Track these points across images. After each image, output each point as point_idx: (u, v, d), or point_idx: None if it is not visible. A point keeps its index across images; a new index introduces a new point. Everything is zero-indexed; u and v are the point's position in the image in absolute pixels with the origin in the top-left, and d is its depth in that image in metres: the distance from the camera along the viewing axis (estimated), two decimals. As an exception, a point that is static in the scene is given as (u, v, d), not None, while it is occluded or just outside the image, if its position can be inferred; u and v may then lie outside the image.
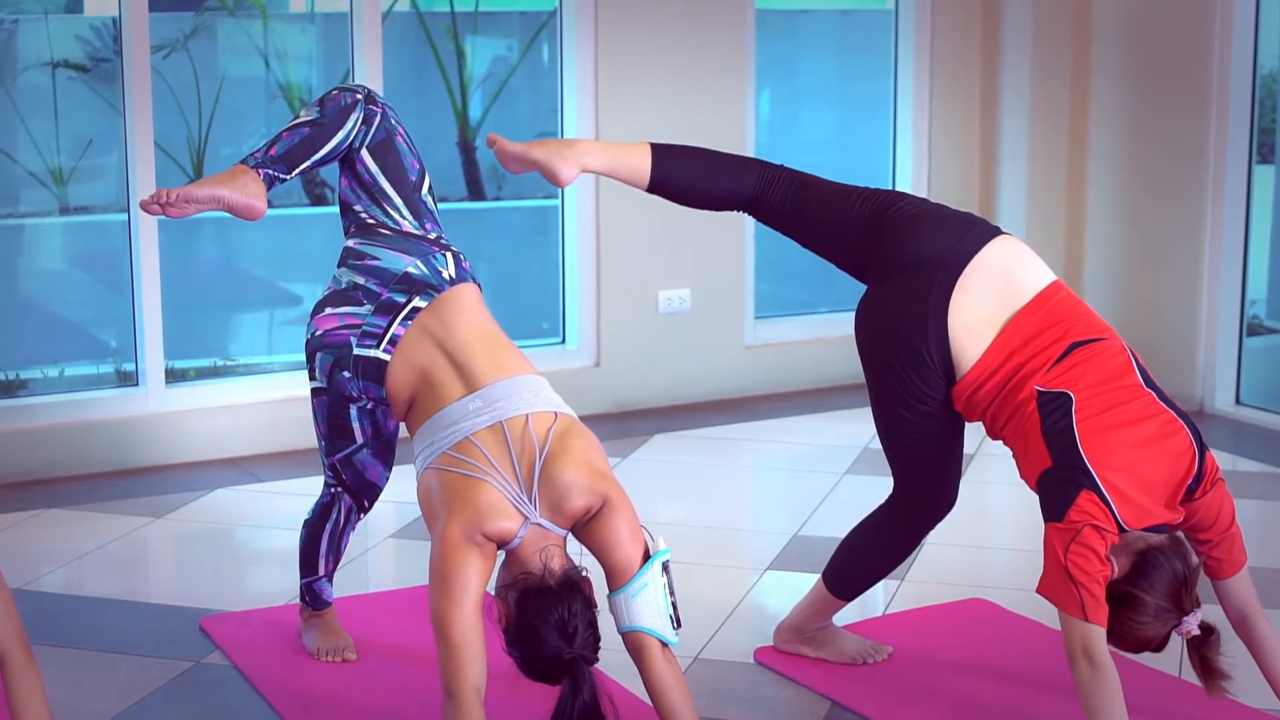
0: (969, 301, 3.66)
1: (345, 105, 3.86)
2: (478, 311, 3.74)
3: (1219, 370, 6.88)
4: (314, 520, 4.10)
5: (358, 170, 3.88)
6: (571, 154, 3.86)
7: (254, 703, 3.92)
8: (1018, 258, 3.75)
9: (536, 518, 3.34)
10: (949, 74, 7.49)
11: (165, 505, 5.54)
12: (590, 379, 6.84)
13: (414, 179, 3.92)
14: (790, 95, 8.28)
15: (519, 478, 3.36)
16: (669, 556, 3.40)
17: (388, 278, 3.71)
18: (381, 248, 3.77)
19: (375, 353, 3.64)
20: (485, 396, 3.48)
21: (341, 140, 3.85)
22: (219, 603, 4.61)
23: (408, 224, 3.85)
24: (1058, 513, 3.40)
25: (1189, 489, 3.46)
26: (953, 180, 7.55)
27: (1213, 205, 6.78)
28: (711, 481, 6.04)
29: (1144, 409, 3.51)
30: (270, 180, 3.79)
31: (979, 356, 3.64)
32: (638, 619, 3.35)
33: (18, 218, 6.76)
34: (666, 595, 3.38)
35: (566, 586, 3.29)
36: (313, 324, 3.75)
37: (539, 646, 3.25)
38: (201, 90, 6.94)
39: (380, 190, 3.87)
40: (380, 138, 3.88)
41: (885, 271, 3.78)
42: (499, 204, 7.71)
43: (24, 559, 4.89)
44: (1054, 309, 3.67)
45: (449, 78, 7.47)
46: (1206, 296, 6.85)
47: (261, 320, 7.50)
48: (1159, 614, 3.37)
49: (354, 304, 3.70)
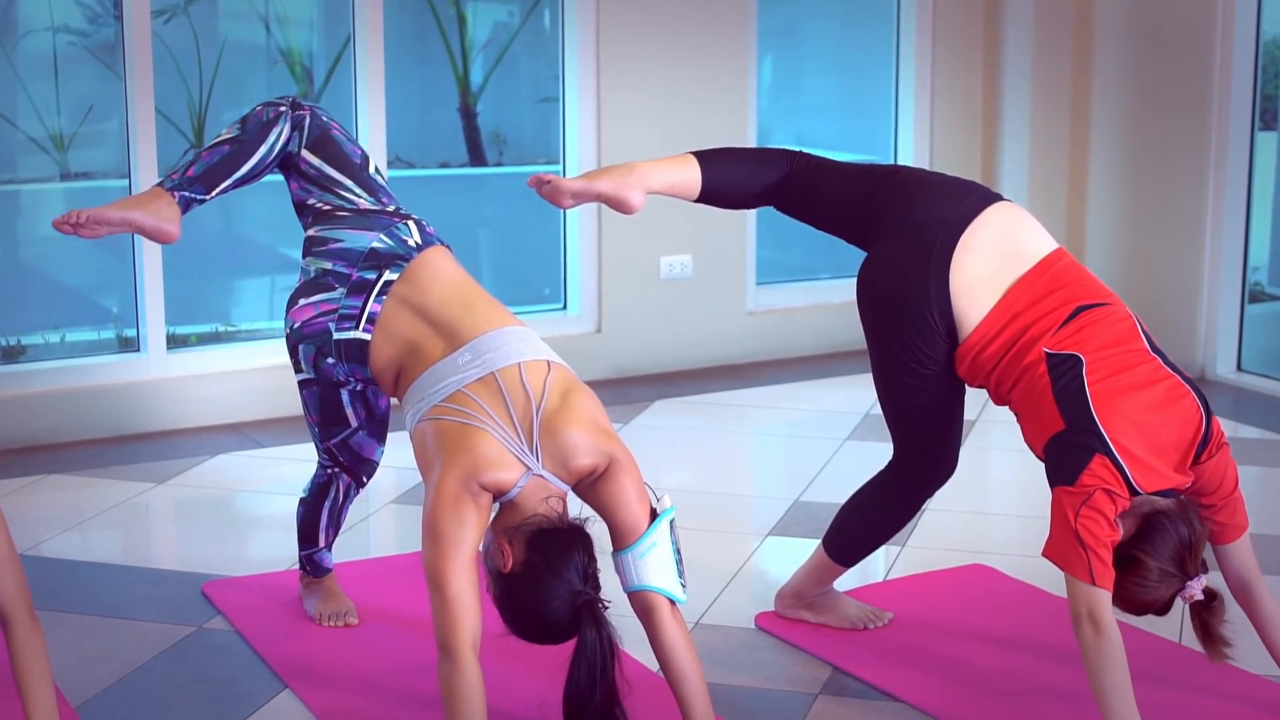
0: (971, 261, 3.66)
1: (268, 120, 3.84)
2: (451, 271, 3.72)
3: (1220, 337, 6.88)
4: (311, 499, 4.09)
5: (303, 169, 3.86)
6: (635, 179, 3.82)
7: (255, 667, 3.93)
8: (1020, 222, 3.76)
9: (539, 469, 3.31)
10: (951, 39, 7.47)
11: (167, 470, 5.54)
12: (591, 345, 6.84)
13: (359, 162, 3.90)
14: (792, 61, 8.27)
15: (517, 428, 3.31)
16: (675, 515, 3.40)
17: (354, 257, 3.69)
18: (342, 229, 3.75)
19: (355, 334, 3.62)
20: (474, 349, 3.45)
21: (265, 155, 3.82)
22: (221, 568, 4.61)
23: (364, 202, 3.83)
24: (1069, 476, 3.39)
25: (1196, 453, 3.46)
26: (955, 146, 7.54)
27: (1215, 172, 6.77)
28: (712, 447, 6.05)
29: (1152, 373, 3.51)
30: (186, 203, 3.79)
31: (982, 318, 3.63)
32: (646, 578, 3.34)
33: (18, 183, 6.75)
34: (674, 554, 3.38)
35: (578, 531, 3.28)
36: (289, 318, 3.73)
37: (553, 590, 3.20)
38: (202, 55, 6.92)
39: (329, 178, 3.85)
40: (315, 134, 3.86)
41: (886, 233, 3.78)
42: (500, 170, 7.69)
43: (26, 524, 4.90)
44: (1059, 273, 3.67)
45: (450, 43, 7.45)
46: (1208, 263, 6.85)
47: (263, 286, 7.49)
48: (1163, 577, 3.37)
49: (326, 290, 3.68)
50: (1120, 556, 3.38)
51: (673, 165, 3.89)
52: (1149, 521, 3.39)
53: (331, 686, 3.79)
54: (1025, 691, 3.77)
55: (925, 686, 3.80)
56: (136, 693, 3.78)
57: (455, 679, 3.20)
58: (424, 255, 3.71)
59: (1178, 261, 6.94)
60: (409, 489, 5.25)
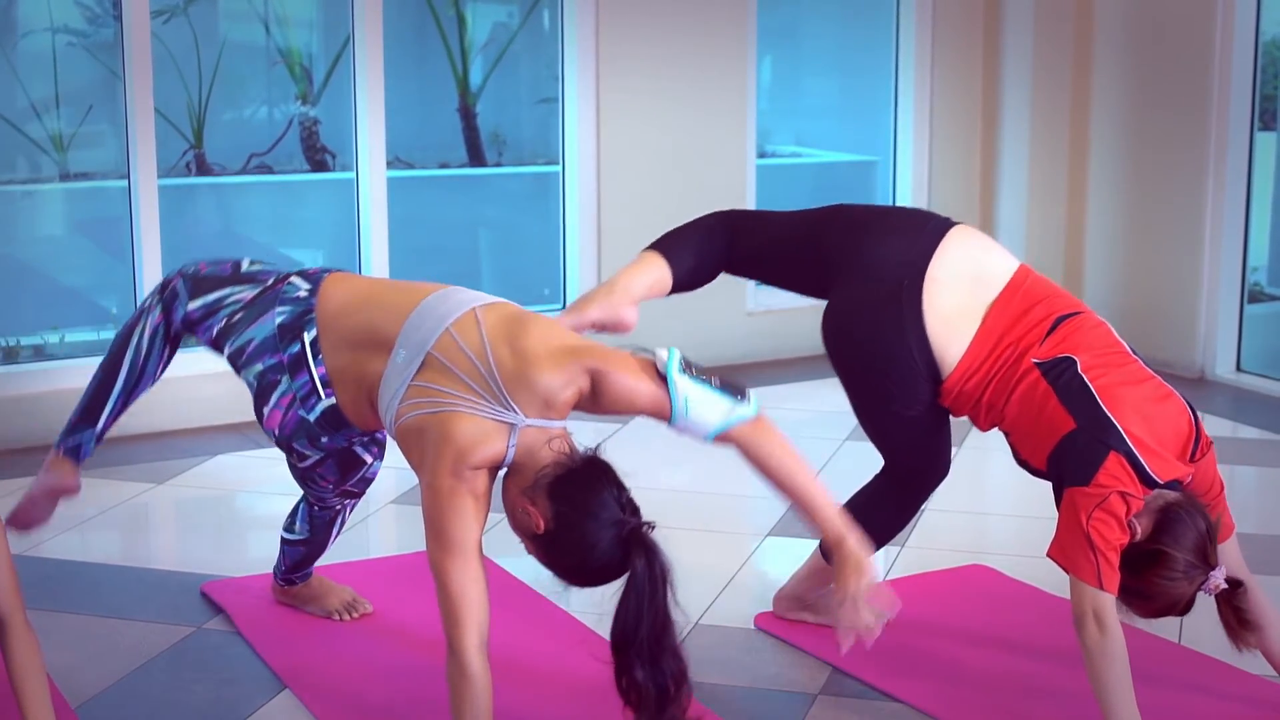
0: (942, 296, 3.64)
1: (130, 323, 3.82)
2: (351, 288, 3.64)
3: (1220, 337, 6.88)
4: (318, 534, 4.10)
5: (197, 319, 3.76)
6: (619, 296, 3.82)
7: (255, 667, 3.93)
8: (980, 245, 3.75)
9: (525, 420, 3.24)
10: (951, 39, 7.48)
11: (166, 471, 5.54)
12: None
13: (231, 272, 3.77)
14: (792, 61, 8.27)
15: (480, 393, 3.24)
16: (678, 355, 3.32)
17: (272, 343, 3.61)
18: (246, 329, 3.65)
19: (322, 404, 3.57)
20: (403, 342, 3.38)
21: (135, 357, 3.79)
22: (220, 568, 4.61)
23: (248, 294, 3.71)
24: (1084, 476, 3.36)
25: (1190, 452, 3.46)
26: (955, 146, 7.55)
27: (1214, 172, 6.77)
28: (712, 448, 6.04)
29: (1140, 371, 3.52)
30: (74, 450, 3.81)
31: (964, 350, 3.62)
32: (709, 423, 3.30)
33: (18, 184, 6.75)
34: (708, 386, 3.30)
35: (595, 464, 3.21)
36: (266, 429, 3.69)
37: (594, 533, 3.12)
38: (202, 56, 6.93)
39: (216, 303, 3.73)
40: (191, 285, 3.76)
41: (845, 279, 3.74)
42: (500, 170, 7.69)
43: (25, 525, 4.90)
44: (1030, 291, 3.66)
45: (450, 44, 7.45)
46: (1208, 263, 6.85)
47: (262, 286, 7.49)
48: (1188, 570, 3.34)
49: (274, 387, 3.61)
50: (1143, 554, 3.36)
51: (643, 269, 3.88)
52: (1166, 515, 3.37)
53: (331, 687, 3.79)
54: (1025, 692, 3.77)
55: (925, 686, 3.80)
56: (136, 693, 3.78)
57: (461, 677, 3.18)
58: (321, 295, 3.62)
59: (1177, 261, 6.94)
60: (409, 489, 5.25)
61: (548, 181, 7.14)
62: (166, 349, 3.82)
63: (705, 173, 6.99)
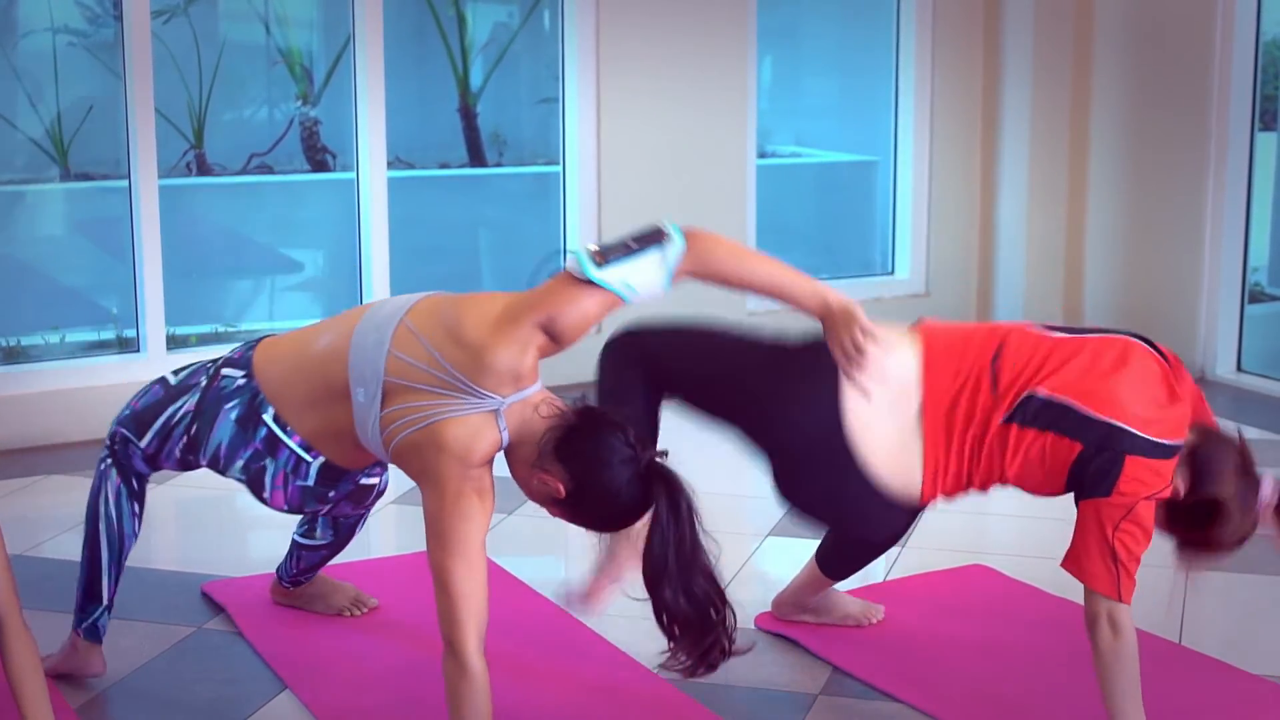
0: (873, 441, 3.46)
1: (94, 493, 3.79)
2: (278, 355, 3.62)
3: (1220, 337, 6.88)
4: (346, 535, 4.11)
5: (153, 454, 3.75)
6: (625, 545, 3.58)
7: (256, 667, 3.93)
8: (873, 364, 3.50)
9: (504, 400, 3.23)
10: (951, 39, 7.48)
11: (166, 471, 5.53)
12: (593, 344, 6.82)
13: (164, 394, 3.73)
14: (792, 61, 8.28)
15: (451, 395, 3.23)
16: (585, 254, 3.28)
17: (238, 440, 3.59)
18: (209, 435, 3.63)
19: (314, 466, 3.57)
20: (356, 380, 3.37)
21: (111, 522, 3.76)
22: (220, 568, 4.61)
23: (190, 405, 3.67)
24: (1105, 487, 3.27)
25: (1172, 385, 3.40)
26: (955, 146, 7.55)
27: (1215, 172, 6.77)
28: (713, 447, 6.02)
29: (1083, 347, 3.41)
30: (93, 631, 3.77)
31: (922, 466, 3.48)
32: (655, 283, 3.30)
33: (18, 184, 6.76)
34: (630, 256, 3.28)
35: (589, 412, 3.21)
36: (274, 508, 3.68)
37: (613, 475, 3.13)
38: (202, 56, 6.93)
39: (164, 429, 3.70)
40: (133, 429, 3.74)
41: (783, 462, 3.60)
42: (500, 170, 7.70)
43: (26, 525, 4.90)
44: (944, 361, 3.48)
45: (450, 44, 7.45)
46: (1208, 263, 6.85)
47: (263, 286, 7.50)
48: (1243, 503, 3.29)
49: (263, 473, 3.60)
50: (1196, 509, 3.31)
51: None
52: (1199, 461, 3.31)
53: (332, 687, 3.79)
54: (1025, 692, 3.77)
55: (925, 686, 3.80)
56: (136, 693, 3.78)
57: (460, 677, 3.18)
58: (257, 374, 3.60)
59: (1177, 262, 6.94)
60: (409, 489, 5.24)
61: (548, 181, 7.14)
62: (134, 504, 3.80)
63: (705, 172, 6.99)
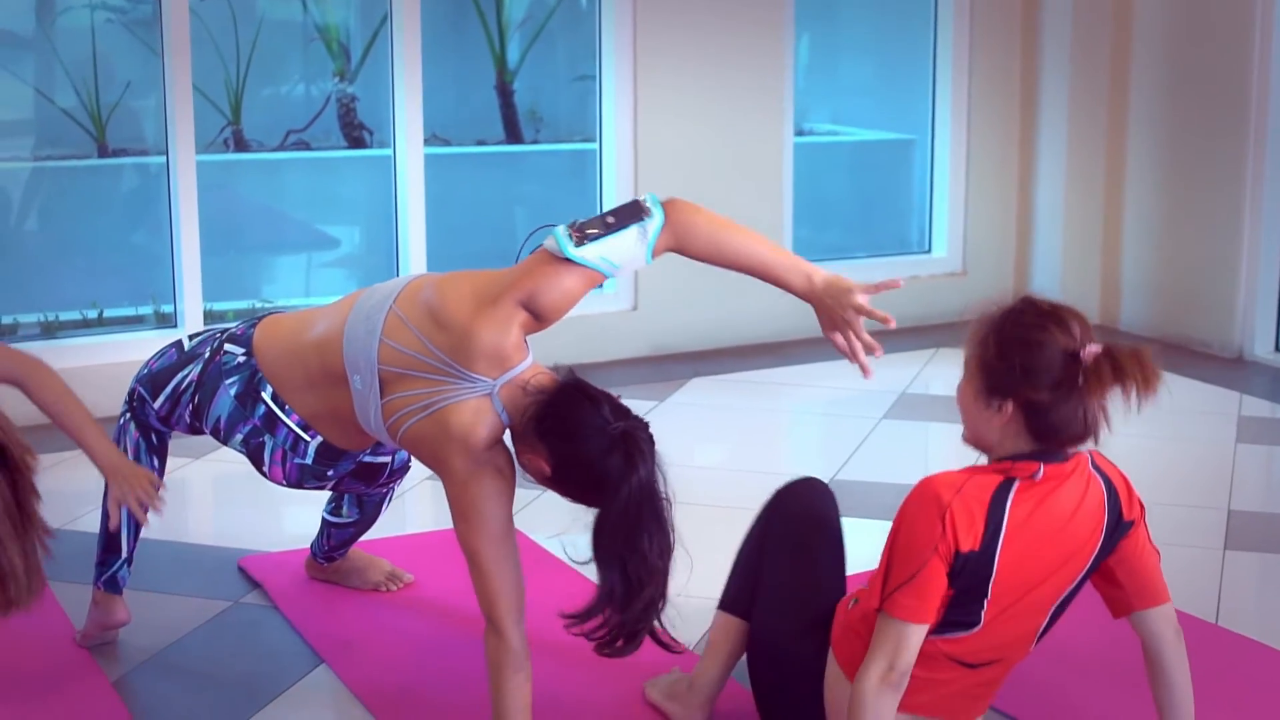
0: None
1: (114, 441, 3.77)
2: (277, 335, 3.63)
3: (1259, 316, 6.84)
4: (373, 511, 4.12)
5: (165, 415, 3.78)
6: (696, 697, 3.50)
7: (292, 641, 3.94)
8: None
9: (495, 382, 3.24)
10: (989, 19, 7.44)
11: (203, 446, 5.55)
12: (627, 322, 6.84)
13: (177, 358, 3.77)
14: (830, 41, 8.25)
15: (446, 380, 3.25)
16: (563, 233, 3.26)
17: (238, 414, 3.61)
18: (209, 407, 3.65)
19: (312, 445, 3.59)
20: (353, 369, 3.40)
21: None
22: (257, 543, 4.63)
23: (196, 372, 3.70)
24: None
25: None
26: (992, 127, 7.52)
27: (1254, 150, 6.73)
28: (748, 425, 6.04)
29: None
30: (113, 583, 3.86)
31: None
32: (636, 256, 3.29)
33: (57, 159, 6.78)
34: (608, 233, 3.27)
35: (566, 387, 3.18)
36: (274, 481, 3.68)
37: (588, 449, 3.10)
38: (240, 32, 6.94)
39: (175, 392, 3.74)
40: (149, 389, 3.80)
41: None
42: (536, 147, 7.70)
43: (63, 499, 4.92)
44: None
45: (487, 21, 7.45)
46: (1247, 242, 6.81)
47: (299, 262, 7.51)
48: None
49: (262, 448, 3.61)
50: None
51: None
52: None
53: (368, 661, 3.81)
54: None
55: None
56: (173, 667, 3.80)
57: (505, 650, 3.21)
58: (257, 353, 3.62)
59: (1216, 241, 6.90)
60: (444, 466, 5.25)
61: (585, 159, 7.13)
62: (153, 459, 3.83)
63: (743, 150, 6.97)
